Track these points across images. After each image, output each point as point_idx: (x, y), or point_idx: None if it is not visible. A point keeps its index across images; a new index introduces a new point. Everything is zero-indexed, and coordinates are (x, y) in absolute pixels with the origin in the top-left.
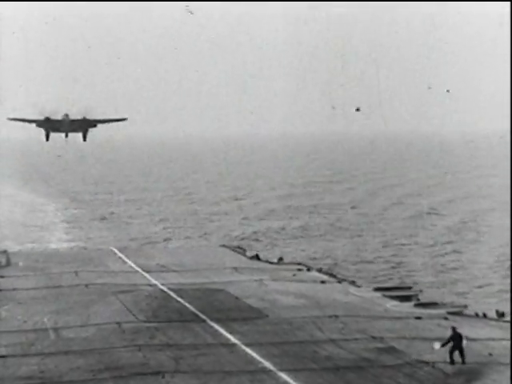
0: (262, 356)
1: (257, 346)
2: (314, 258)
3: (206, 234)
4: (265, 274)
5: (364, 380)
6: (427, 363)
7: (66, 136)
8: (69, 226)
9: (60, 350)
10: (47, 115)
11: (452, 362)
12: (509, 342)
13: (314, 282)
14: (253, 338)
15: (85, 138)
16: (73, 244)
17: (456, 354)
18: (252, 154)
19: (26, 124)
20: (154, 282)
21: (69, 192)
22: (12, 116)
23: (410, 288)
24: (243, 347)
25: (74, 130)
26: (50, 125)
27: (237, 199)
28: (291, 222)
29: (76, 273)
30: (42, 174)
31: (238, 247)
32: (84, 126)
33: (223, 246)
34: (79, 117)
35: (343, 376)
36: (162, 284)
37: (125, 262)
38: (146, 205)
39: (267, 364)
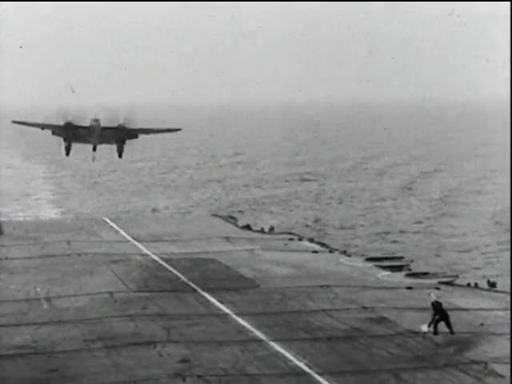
0: (254, 326)
1: (248, 315)
2: (306, 227)
3: (197, 203)
4: (256, 244)
5: (355, 350)
6: (418, 333)
7: (94, 149)
8: (60, 196)
9: (53, 319)
10: (69, 119)
11: (435, 332)
12: (500, 312)
13: (306, 251)
14: (244, 307)
15: (120, 154)
16: (65, 214)
17: (443, 324)
18: (250, 121)
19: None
20: (145, 251)
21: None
22: (18, 119)
23: (401, 258)
24: (234, 317)
25: (107, 142)
26: (72, 133)
27: (235, 165)
28: (283, 190)
29: (68, 242)
30: None
31: (230, 217)
32: (121, 136)
33: (215, 215)
34: (114, 124)
35: (334, 346)
36: (154, 254)
37: (117, 232)
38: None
39: (259, 334)
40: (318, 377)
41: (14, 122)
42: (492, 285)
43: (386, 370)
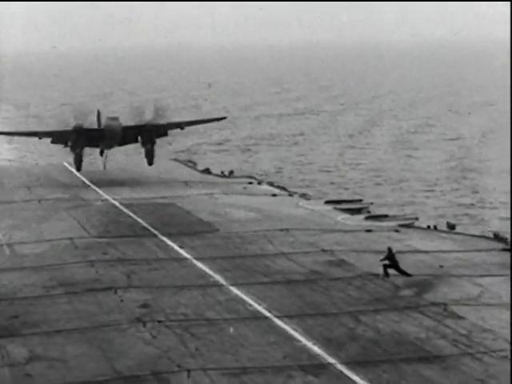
0: (214, 270)
1: (208, 260)
2: (266, 171)
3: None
4: (216, 188)
5: (314, 293)
6: (377, 275)
7: (102, 154)
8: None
9: (15, 265)
10: (77, 122)
11: (387, 274)
12: (459, 254)
13: (265, 195)
14: (204, 252)
15: (151, 160)
16: (24, 159)
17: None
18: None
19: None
20: (105, 196)
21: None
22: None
23: (360, 201)
24: (194, 261)
25: (128, 143)
26: (84, 138)
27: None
28: (244, 133)
29: (29, 188)
30: None
31: (189, 161)
32: (150, 136)
33: (174, 159)
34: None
35: (294, 289)
36: (114, 199)
37: (77, 177)
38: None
39: (219, 278)
40: (277, 320)
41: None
42: (451, 227)
43: (345, 313)
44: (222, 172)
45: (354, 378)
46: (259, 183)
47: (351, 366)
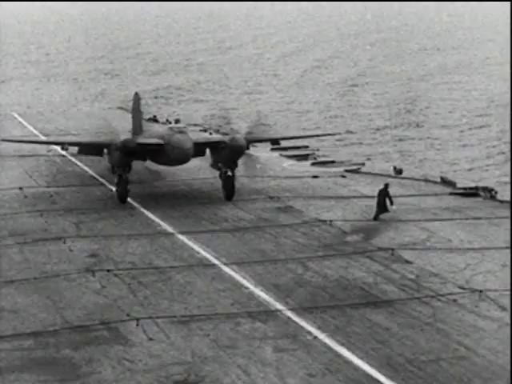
0: (162, 219)
1: (156, 208)
2: (212, 118)
3: (102, 93)
4: None
5: (262, 240)
6: (325, 221)
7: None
8: None
9: None
10: (120, 136)
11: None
12: (406, 199)
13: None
14: (151, 200)
15: (233, 191)
16: None
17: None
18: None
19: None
20: (53, 146)
21: None
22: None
23: (307, 147)
24: (142, 210)
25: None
26: (133, 156)
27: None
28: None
29: None
30: None
31: None
32: (237, 155)
33: (121, 108)
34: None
35: (241, 237)
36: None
37: (25, 127)
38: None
39: (166, 226)
40: (225, 267)
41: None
42: (398, 172)
43: (293, 259)
44: (168, 120)
45: (302, 323)
46: (205, 131)
47: (299, 312)
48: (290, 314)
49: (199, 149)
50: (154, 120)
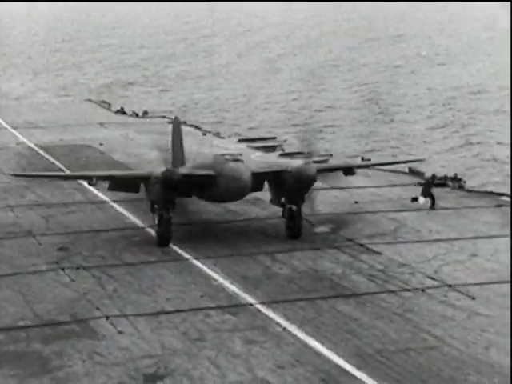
0: (130, 212)
1: (124, 202)
2: (180, 110)
3: (66, 87)
4: (130, 128)
5: (230, 233)
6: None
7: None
8: None
9: None
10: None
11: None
12: (373, 189)
13: None
14: (120, 193)
15: (301, 229)
16: None
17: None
18: None
19: None
20: (22, 139)
21: None
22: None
23: (274, 138)
24: (111, 203)
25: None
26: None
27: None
28: (152, 71)
29: None
30: None
31: (103, 101)
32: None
33: (89, 100)
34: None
35: (210, 230)
36: (31, 141)
37: None
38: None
39: (135, 220)
40: (194, 260)
41: (13, 174)
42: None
43: (261, 252)
44: (135, 112)
45: (271, 315)
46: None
47: (268, 304)
48: (259, 306)
49: (257, 180)
50: (122, 112)
